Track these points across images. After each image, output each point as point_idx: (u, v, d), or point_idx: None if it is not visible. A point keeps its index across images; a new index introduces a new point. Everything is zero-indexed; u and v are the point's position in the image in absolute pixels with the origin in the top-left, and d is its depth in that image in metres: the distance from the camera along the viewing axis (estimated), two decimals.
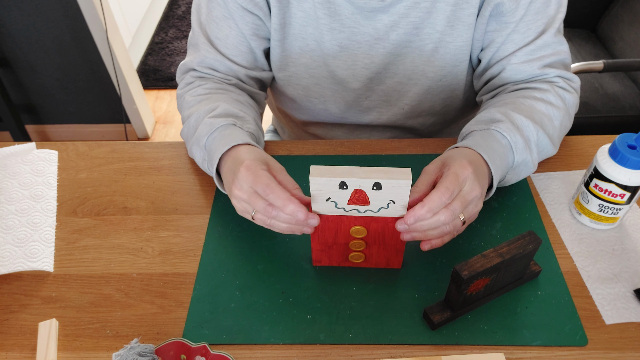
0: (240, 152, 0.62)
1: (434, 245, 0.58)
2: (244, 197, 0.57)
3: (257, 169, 0.57)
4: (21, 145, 0.79)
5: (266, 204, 0.56)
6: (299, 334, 0.57)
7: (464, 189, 0.56)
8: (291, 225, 0.56)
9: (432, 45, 0.75)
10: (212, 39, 0.76)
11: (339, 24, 0.74)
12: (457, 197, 0.55)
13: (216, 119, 0.67)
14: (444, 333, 0.57)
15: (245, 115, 0.70)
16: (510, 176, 0.67)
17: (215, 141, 0.65)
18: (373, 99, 0.83)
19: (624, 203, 0.62)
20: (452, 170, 0.56)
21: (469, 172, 0.56)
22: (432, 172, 0.59)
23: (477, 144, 0.62)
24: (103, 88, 1.92)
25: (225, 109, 0.69)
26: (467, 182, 0.56)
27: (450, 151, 0.62)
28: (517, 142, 0.64)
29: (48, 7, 1.67)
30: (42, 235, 0.68)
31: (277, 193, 0.55)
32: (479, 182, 0.57)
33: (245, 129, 0.68)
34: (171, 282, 0.63)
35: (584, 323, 0.57)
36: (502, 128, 0.64)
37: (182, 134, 0.75)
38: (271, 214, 0.56)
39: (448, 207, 0.54)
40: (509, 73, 0.73)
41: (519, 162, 0.65)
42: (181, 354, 0.54)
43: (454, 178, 0.55)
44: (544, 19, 0.70)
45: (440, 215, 0.54)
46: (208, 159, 0.67)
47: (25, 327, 0.59)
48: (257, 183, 0.56)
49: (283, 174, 0.60)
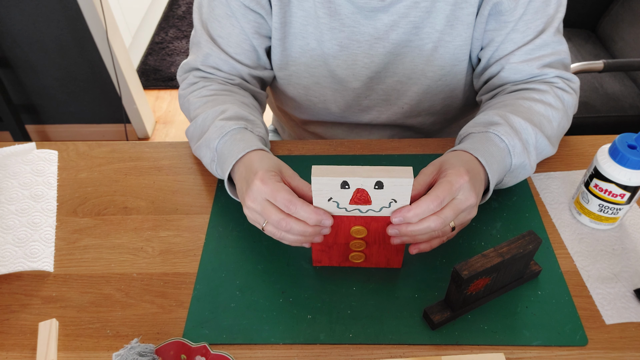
0: (253, 161, 0.61)
1: (421, 249, 0.58)
2: (258, 208, 0.57)
3: (273, 181, 0.57)
4: (21, 145, 0.79)
5: (280, 218, 0.55)
6: (299, 334, 0.57)
7: (458, 197, 0.56)
8: (302, 237, 0.57)
9: (432, 45, 0.75)
10: (215, 37, 0.76)
11: (339, 23, 0.74)
12: (449, 205, 0.55)
13: (227, 121, 0.67)
14: (444, 333, 0.57)
15: (255, 119, 0.71)
16: (508, 179, 0.67)
17: (227, 145, 0.65)
18: (373, 98, 0.84)
19: (624, 203, 0.62)
20: (447, 178, 0.56)
21: (464, 180, 0.56)
22: (429, 173, 0.59)
23: (475, 147, 0.62)
24: (103, 88, 1.92)
25: (236, 112, 0.69)
26: (462, 190, 0.56)
27: (449, 155, 0.62)
28: (515, 146, 0.64)
29: (48, 7, 1.67)
30: (42, 235, 0.68)
31: (299, 206, 0.54)
32: (474, 190, 0.57)
33: (256, 132, 0.68)
34: (171, 282, 0.63)
35: (584, 323, 0.57)
36: (500, 131, 0.64)
37: (188, 132, 0.75)
38: (285, 226, 0.56)
39: (439, 215, 0.54)
40: (508, 72, 0.73)
41: (517, 165, 0.65)
42: (181, 354, 0.54)
43: (447, 186, 0.55)
44: (543, 18, 0.70)
45: (431, 222, 0.54)
46: (219, 162, 0.67)
47: (26, 327, 0.59)
48: (277, 197, 0.55)
49: (297, 179, 0.60)
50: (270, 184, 0.56)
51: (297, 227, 0.55)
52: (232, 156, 0.64)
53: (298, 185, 0.59)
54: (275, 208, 0.56)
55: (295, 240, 0.57)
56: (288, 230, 0.56)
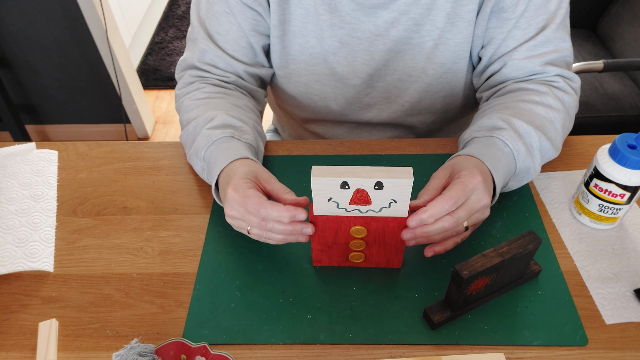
0: (233, 169, 0.62)
1: (436, 251, 0.59)
2: (238, 215, 0.59)
3: (243, 189, 0.58)
4: (21, 145, 0.79)
5: (260, 219, 0.57)
6: (299, 334, 0.57)
7: (472, 197, 0.57)
8: (286, 235, 0.58)
9: (432, 42, 0.75)
10: (212, 34, 0.76)
11: (339, 20, 0.74)
12: (463, 206, 0.56)
13: (214, 130, 0.67)
14: (444, 333, 0.57)
15: (243, 125, 0.70)
16: (512, 183, 0.67)
17: (213, 155, 0.66)
18: (373, 96, 0.84)
19: (624, 203, 0.62)
20: (460, 179, 0.57)
21: (478, 181, 0.57)
22: (442, 177, 0.60)
23: (481, 152, 0.63)
24: (103, 88, 1.92)
25: (224, 120, 0.69)
26: (476, 191, 0.57)
27: (459, 158, 0.63)
28: (519, 150, 0.64)
29: (48, 7, 1.67)
30: (42, 235, 0.68)
31: (269, 207, 0.56)
32: (487, 192, 0.58)
33: (243, 140, 0.68)
34: (171, 282, 0.63)
35: (584, 323, 0.57)
36: (505, 136, 0.64)
37: (181, 139, 0.75)
38: (266, 227, 0.57)
39: (452, 215, 0.56)
40: (510, 69, 0.73)
41: (521, 169, 0.65)
42: (181, 354, 0.54)
43: (460, 187, 0.56)
44: (544, 14, 0.70)
45: (444, 222, 0.55)
46: (208, 171, 0.68)
47: (25, 327, 0.59)
48: (248, 203, 0.57)
49: (273, 182, 0.61)
50: (241, 191, 0.58)
51: (277, 227, 0.57)
52: (217, 166, 0.64)
53: (274, 189, 0.60)
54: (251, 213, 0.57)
55: (281, 239, 0.59)
56: (270, 229, 0.57)
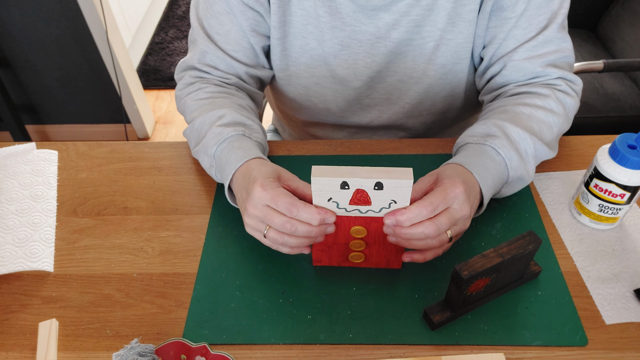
0: (252, 169, 0.61)
1: (414, 259, 0.59)
2: (260, 215, 0.57)
3: (273, 187, 0.57)
4: (21, 145, 0.79)
5: (284, 220, 0.55)
6: (299, 334, 0.57)
7: (453, 206, 0.56)
8: (305, 239, 0.57)
9: (433, 43, 0.75)
10: (212, 34, 0.76)
11: (340, 22, 0.74)
12: (444, 213, 0.55)
13: (225, 128, 0.67)
14: (444, 333, 0.57)
15: (253, 124, 0.70)
16: (505, 189, 0.66)
17: (225, 153, 0.65)
18: (374, 98, 0.83)
19: (624, 203, 0.62)
20: (442, 187, 0.56)
21: (459, 190, 0.56)
22: (426, 182, 0.60)
23: (470, 162, 0.62)
24: (103, 88, 1.92)
25: (234, 118, 0.69)
26: (457, 200, 0.56)
27: (446, 167, 0.62)
28: (511, 159, 0.63)
29: (48, 7, 1.67)
30: (42, 235, 0.68)
31: (302, 207, 0.55)
32: (469, 202, 0.57)
33: (254, 138, 0.68)
34: (171, 282, 0.63)
35: (584, 323, 0.57)
36: (497, 144, 0.64)
37: (185, 134, 0.74)
38: (290, 228, 0.55)
39: (433, 221, 0.55)
40: (510, 70, 0.73)
41: (514, 177, 0.65)
42: (181, 354, 0.54)
43: (441, 194, 0.55)
44: (546, 13, 0.70)
45: (425, 228, 0.54)
46: (217, 168, 0.67)
47: (26, 327, 0.59)
48: (278, 202, 0.56)
49: (296, 181, 0.60)
50: (271, 190, 0.56)
51: (302, 228, 0.55)
52: (231, 165, 0.64)
53: (298, 187, 0.59)
54: (277, 212, 0.56)
55: (297, 244, 0.57)
56: (293, 231, 0.55)
